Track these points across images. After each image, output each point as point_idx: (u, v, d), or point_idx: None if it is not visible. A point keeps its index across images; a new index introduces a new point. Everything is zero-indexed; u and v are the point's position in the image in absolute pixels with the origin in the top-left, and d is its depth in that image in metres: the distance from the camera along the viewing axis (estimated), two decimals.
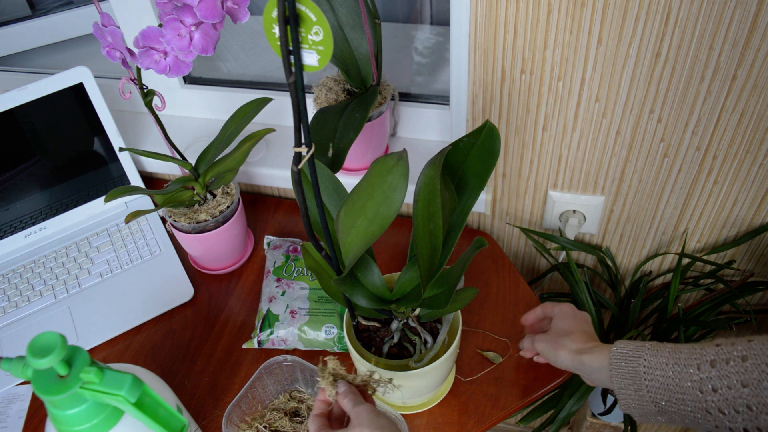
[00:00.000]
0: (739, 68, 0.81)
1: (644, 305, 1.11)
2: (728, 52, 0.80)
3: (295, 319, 0.88)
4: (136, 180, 1.09)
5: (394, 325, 0.76)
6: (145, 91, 0.81)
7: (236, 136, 0.91)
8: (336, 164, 0.80)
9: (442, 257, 0.68)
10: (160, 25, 0.71)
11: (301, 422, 0.81)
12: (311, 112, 0.93)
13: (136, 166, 1.10)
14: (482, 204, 1.06)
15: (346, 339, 0.76)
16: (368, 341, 0.78)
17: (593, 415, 1.31)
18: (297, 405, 0.83)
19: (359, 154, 1.02)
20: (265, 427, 0.80)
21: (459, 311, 0.77)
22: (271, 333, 0.89)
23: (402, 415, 0.79)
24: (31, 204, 1.04)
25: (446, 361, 0.74)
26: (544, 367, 0.87)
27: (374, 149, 1.02)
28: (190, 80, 1.18)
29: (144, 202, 1.10)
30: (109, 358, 0.92)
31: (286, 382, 0.85)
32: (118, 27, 0.74)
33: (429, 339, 0.76)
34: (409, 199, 1.00)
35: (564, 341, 0.73)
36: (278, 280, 0.93)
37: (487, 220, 1.12)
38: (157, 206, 0.91)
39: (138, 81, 0.80)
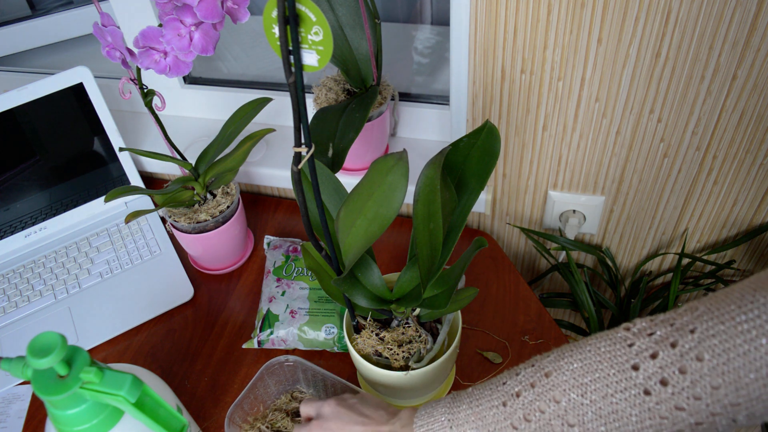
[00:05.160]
0: (739, 68, 0.81)
1: (644, 305, 1.11)
2: (728, 52, 0.80)
3: (295, 319, 0.88)
4: (136, 180, 1.09)
5: (394, 323, 0.76)
6: (145, 91, 0.81)
7: (236, 136, 0.91)
8: (336, 164, 0.80)
9: (442, 257, 0.68)
10: (160, 25, 0.71)
11: None
12: (311, 112, 0.93)
13: (136, 166, 1.10)
14: (482, 204, 1.06)
15: (346, 339, 0.76)
16: None
17: None
18: (298, 405, 0.83)
19: (359, 154, 1.02)
20: (267, 427, 0.80)
21: (459, 311, 0.77)
22: (271, 333, 0.89)
23: None
24: (31, 204, 1.04)
25: (446, 361, 0.74)
26: None
27: (374, 149, 1.02)
28: (190, 80, 1.18)
29: (144, 202, 1.10)
30: (109, 358, 0.92)
31: (288, 382, 0.85)
32: (118, 27, 0.74)
33: (429, 339, 0.76)
34: (409, 199, 1.00)
35: None
36: (278, 280, 0.93)
37: (487, 220, 1.12)
38: (157, 206, 0.91)
39: (138, 81, 0.80)
